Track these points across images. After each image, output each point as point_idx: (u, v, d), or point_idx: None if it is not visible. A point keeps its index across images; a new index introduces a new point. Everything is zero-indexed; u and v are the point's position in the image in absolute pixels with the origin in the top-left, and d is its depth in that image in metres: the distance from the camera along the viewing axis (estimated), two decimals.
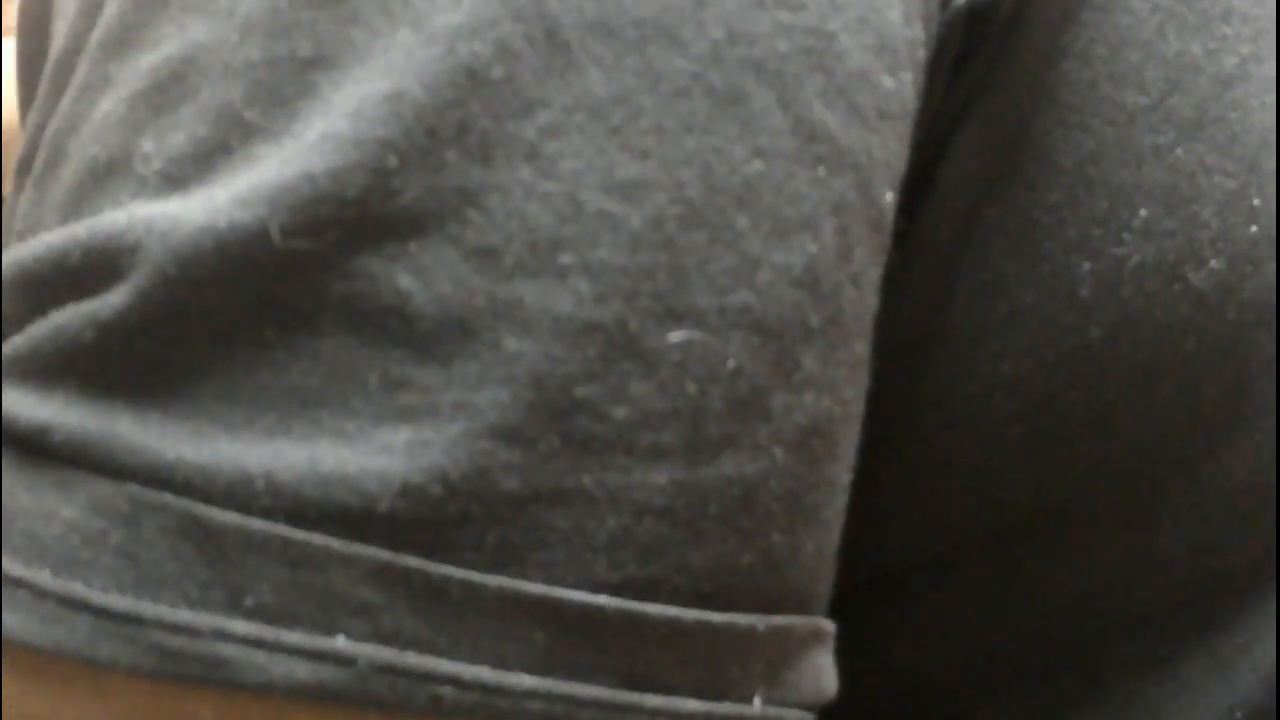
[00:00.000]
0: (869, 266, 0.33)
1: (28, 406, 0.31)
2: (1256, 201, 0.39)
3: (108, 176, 0.32)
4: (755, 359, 0.31)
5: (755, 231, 0.31)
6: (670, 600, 0.31)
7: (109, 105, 0.32)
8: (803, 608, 0.33)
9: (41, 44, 0.41)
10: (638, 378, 0.30)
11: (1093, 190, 0.37)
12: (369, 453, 0.29)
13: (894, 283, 0.35)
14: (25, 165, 0.35)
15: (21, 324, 0.32)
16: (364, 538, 0.29)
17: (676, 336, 0.30)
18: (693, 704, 0.31)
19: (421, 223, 0.29)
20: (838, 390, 0.32)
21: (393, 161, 0.29)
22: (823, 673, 0.34)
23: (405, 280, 0.29)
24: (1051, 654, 0.42)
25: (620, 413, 0.30)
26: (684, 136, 0.30)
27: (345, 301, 0.30)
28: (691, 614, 0.31)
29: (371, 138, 0.29)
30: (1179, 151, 0.38)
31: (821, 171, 0.31)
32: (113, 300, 0.30)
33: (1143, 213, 0.38)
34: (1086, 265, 0.38)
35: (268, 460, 0.29)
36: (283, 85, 0.30)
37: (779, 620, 0.32)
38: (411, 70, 0.30)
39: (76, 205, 0.32)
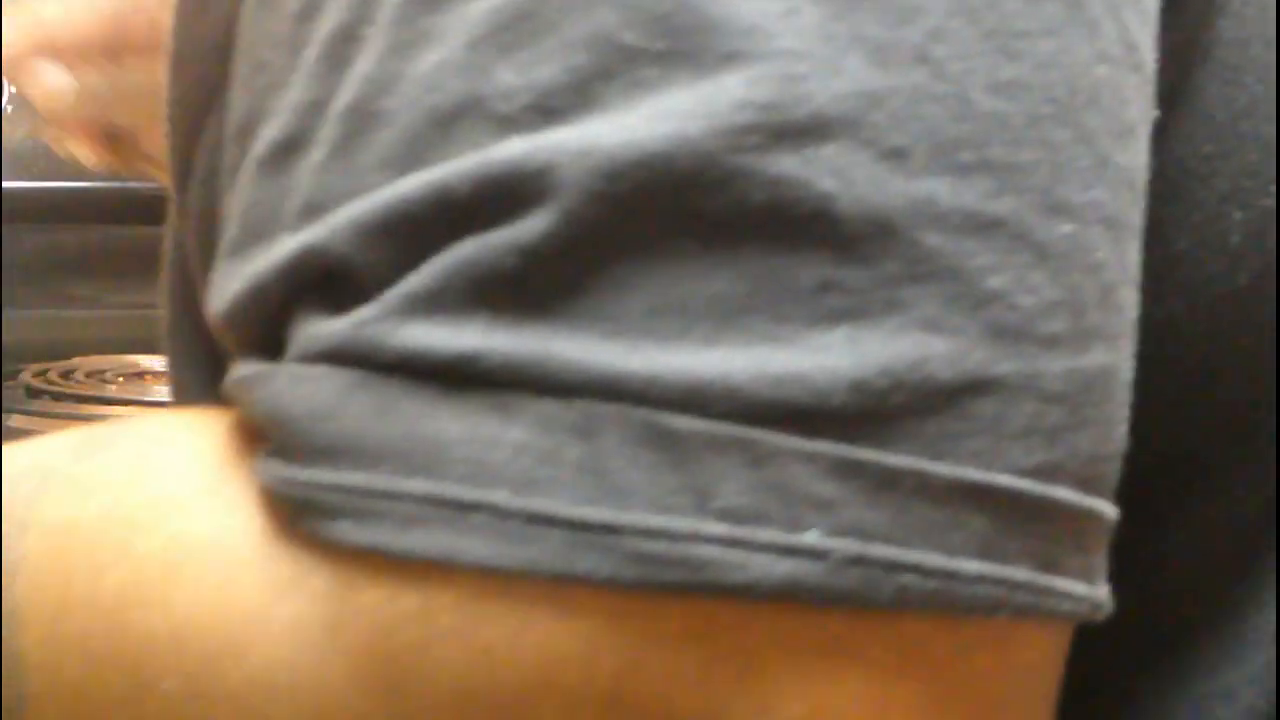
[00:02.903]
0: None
1: (443, 338, 0.30)
2: None
3: (454, 121, 0.31)
4: (1110, 253, 0.32)
5: (1103, 131, 0.32)
6: (1065, 486, 0.32)
7: (438, 56, 0.32)
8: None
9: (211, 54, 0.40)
10: (1035, 268, 0.31)
11: (1244, 144, 0.40)
12: (809, 353, 0.30)
13: None
14: (293, 145, 0.34)
15: (396, 270, 0.31)
16: (820, 434, 0.29)
17: (1064, 229, 0.31)
18: (1081, 588, 0.32)
19: (833, 127, 0.30)
20: (1137, 291, 0.34)
21: (800, 68, 0.30)
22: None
23: (828, 183, 0.30)
24: None
25: (1027, 301, 0.31)
26: (1044, 39, 0.32)
27: (768, 207, 0.30)
28: (1083, 500, 0.32)
29: (777, 49, 0.30)
30: None
31: (1136, 79, 0.33)
32: (535, 224, 0.30)
33: None
34: (1238, 214, 0.40)
35: (718, 365, 0.29)
36: (659, 4, 0.31)
37: (1112, 511, 0.34)
38: None
39: (419, 155, 0.31)
